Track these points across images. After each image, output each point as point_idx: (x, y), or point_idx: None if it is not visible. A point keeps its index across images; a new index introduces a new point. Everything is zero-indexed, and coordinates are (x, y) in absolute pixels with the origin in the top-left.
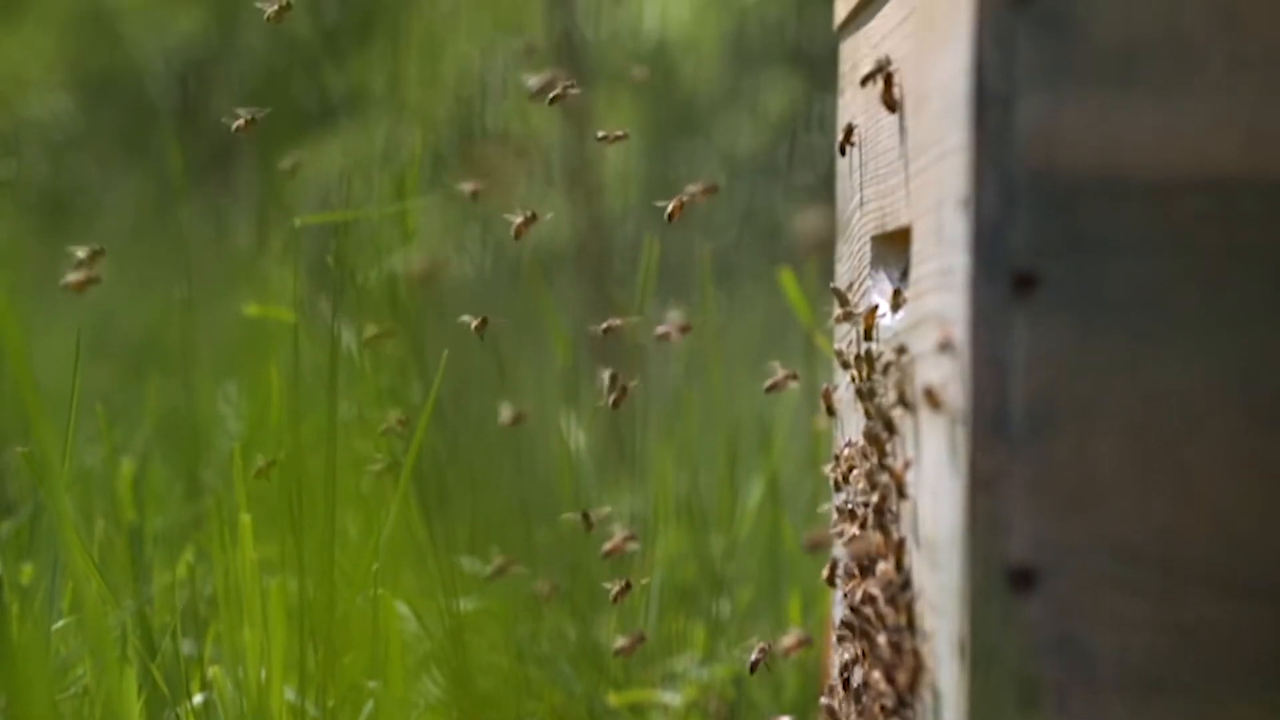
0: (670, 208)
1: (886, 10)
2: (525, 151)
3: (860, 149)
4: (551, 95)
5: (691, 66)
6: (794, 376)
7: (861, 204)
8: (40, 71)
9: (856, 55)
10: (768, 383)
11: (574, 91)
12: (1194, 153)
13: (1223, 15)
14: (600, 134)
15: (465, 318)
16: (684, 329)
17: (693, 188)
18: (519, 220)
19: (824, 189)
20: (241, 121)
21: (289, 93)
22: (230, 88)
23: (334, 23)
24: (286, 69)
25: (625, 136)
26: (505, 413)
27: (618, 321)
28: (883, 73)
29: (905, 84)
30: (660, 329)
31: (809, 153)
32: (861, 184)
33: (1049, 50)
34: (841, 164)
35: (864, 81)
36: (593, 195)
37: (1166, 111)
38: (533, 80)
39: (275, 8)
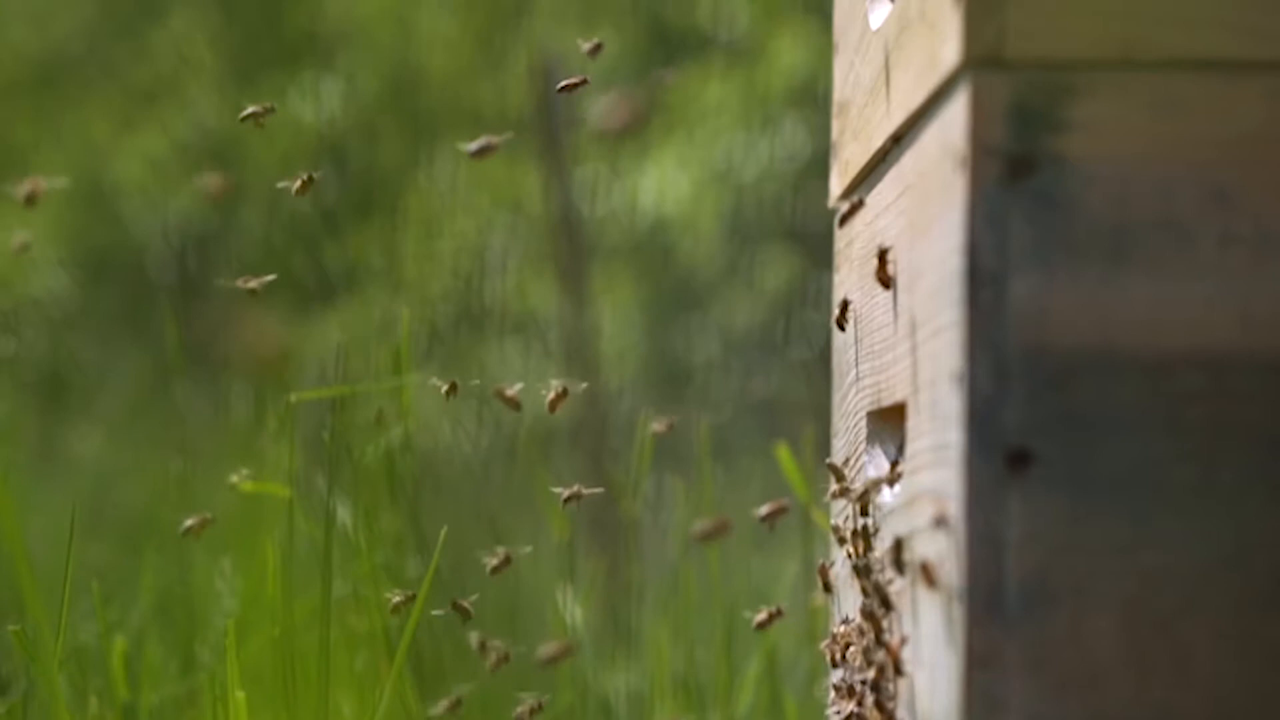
0: (550, 397)
1: (881, 187)
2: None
3: (855, 325)
4: (562, 85)
5: (689, 243)
6: (780, 613)
7: (857, 379)
8: (39, 248)
9: (852, 231)
10: (756, 620)
11: (584, 81)
12: (1186, 331)
13: (1214, 194)
14: (652, 426)
15: (434, 380)
16: (783, 509)
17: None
18: (553, 395)
19: (820, 365)
20: (299, 184)
21: (288, 269)
22: (229, 264)
23: (333, 200)
24: (285, 245)
25: (674, 425)
26: (491, 559)
27: (581, 490)
28: (859, 210)
29: (899, 261)
30: (761, 511)
31: (806, 329)
32: (857, 360)
33: (1041, 229)
34: (837, 340)
35: (841, 220)
36: (590, 370)
37: (1158, 289)
38: (472, 145)
39: (299, 183)
